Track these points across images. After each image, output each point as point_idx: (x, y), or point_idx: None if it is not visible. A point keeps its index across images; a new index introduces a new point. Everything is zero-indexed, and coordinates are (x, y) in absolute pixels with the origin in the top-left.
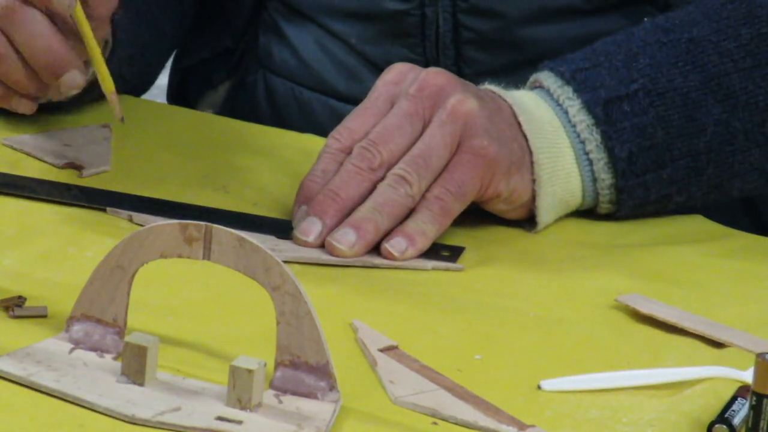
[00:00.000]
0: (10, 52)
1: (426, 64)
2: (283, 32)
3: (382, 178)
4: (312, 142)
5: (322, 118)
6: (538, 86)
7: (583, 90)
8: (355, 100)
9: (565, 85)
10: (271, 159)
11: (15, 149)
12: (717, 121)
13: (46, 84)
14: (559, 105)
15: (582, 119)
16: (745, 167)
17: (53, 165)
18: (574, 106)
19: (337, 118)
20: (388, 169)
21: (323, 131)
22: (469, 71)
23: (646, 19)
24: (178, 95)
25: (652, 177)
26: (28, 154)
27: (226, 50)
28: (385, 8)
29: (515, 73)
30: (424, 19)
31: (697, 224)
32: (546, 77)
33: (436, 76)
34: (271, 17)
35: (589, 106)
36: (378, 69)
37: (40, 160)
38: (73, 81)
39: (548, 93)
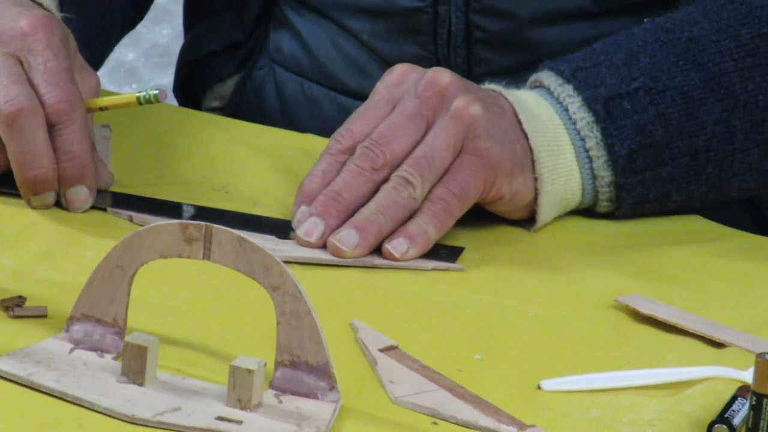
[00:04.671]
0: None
1: (437, 62)
2: (294, 27)
3: (385, 179)
4: (312, 142)
5: (330, 113)
6: (538, 86)
7: (583, 87)
8: (364, 97)
9: (565, 84)
10: (271, 159)
11: None
12: (717, 120)
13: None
14: (560, 103)
15: (582, 116)
16: (744, 167)
17: None
18: (575, 103)
19: (346, 114)
20: (391, 169)
21: (331, 127)
22: (480, 70)
23: (646, 19)
24: (184, 88)
25: (651, 174)
26: None
27: (235, 44)
28: (398, 5)
29: (525, 73)
30: (437, 17)
31: (697, 224)
32: (546, 76)
33: (440, 76)
34: (283, 12)
35: (589, 104)
36: (389, 66)
37: None
38: (78, 196)
39: (548, 92)
